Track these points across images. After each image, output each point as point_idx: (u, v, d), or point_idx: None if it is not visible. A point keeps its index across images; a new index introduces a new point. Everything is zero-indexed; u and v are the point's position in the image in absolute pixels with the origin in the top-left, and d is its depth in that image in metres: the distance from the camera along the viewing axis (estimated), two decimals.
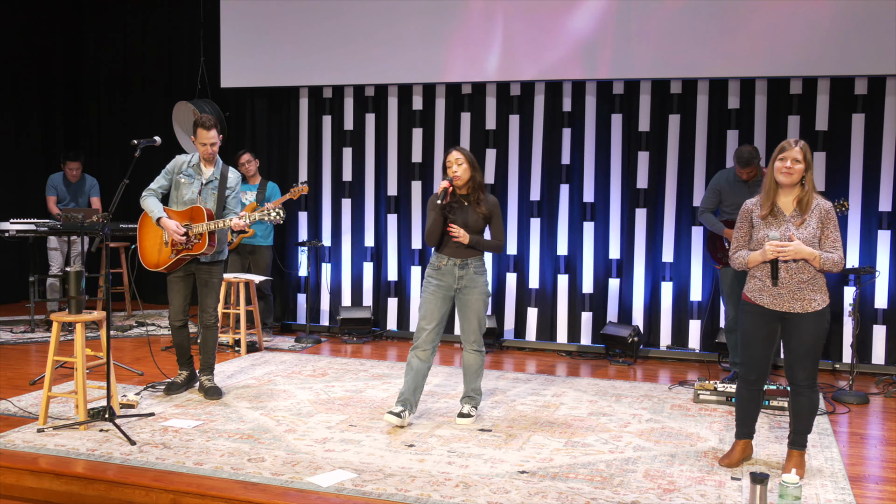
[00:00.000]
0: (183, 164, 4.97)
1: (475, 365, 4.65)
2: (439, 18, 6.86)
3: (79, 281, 4.49)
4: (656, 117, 6.63)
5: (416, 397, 4.55)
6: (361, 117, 7.40)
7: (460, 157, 4.47)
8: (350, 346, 6.97)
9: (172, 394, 5.05)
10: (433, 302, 4.54)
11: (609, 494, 3.55)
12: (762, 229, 3.77)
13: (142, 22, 8.89)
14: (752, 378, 3.90)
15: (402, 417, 4.44)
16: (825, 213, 3.71)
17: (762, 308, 3.79)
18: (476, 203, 4.53)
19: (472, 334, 4.61)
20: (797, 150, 3.70)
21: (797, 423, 3.83)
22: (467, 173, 4.48)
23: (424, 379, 4.58)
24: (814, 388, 3.79)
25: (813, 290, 3.71)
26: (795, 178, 3.70)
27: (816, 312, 3.72)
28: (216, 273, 5.03)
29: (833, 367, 6.24)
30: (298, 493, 3.52)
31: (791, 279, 3.70)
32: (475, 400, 4.69)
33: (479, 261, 4.58)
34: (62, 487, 3.72)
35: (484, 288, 4.58)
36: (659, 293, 6.70)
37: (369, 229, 7.43)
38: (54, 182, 7.66)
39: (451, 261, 4.53)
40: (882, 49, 5.85)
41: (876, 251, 6.16)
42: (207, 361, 5.09)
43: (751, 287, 3.85)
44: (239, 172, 5.10)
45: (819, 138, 6.24)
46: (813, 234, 3.69)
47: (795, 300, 3.72)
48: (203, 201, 4.91)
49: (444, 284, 4.55)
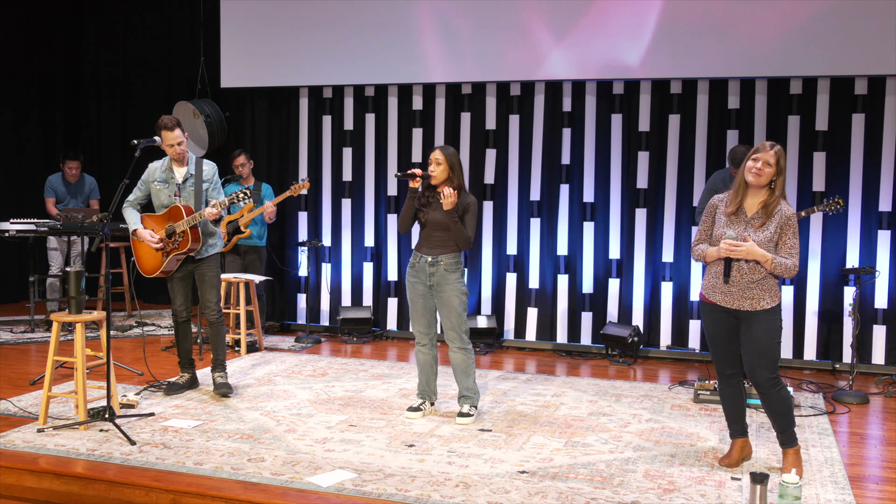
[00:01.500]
0: (156, 171, 5.00)
1: (462, 363, 4.68)
2: (440, 18, 6.86)
3: (79, 281, 4.50)
4: (656, 117, 6.63)
5: (433, 386, 4.78)
6: (361, 117, 7.40)
7: (440, 159, 4.58)
8: (350, 346, 6.97)
9: (172, 394, 5.05)
10: (414, 298, 4.71)
11: (609, 494, 3.55)
12: (722, 226, 3.81)
13: (142, 22, 8.88)
14: (728, 373, 3.94)
15: (421, 410, 4.66)
16: (786, 219, 3.73)
17: (716, 305, 3.85)
18: None
19: (451, 332, 4.65)
20: (771, 153, 3.71)
21: (778, 423, 3.85)
22: (444, 174, 4.57)
23: (435, 368, 4.78)
24: (777, 384, 3.80)
25: (762, 289, 3.74)
26: (763, 180, 3.72)
27: (766, 311, 3.75)
28: (211, 267, 5.04)
29: (833, 367, 6.24)
30: (298, 493, 3.52)
31: (742, 278, 3.74)
32: (472, 399, 4.70)
33: (452, 258, 4.61)
34: (62, 487, 3.72)
35: (456, 285, 4.60)
36: (659, 293, 6.70)
37: (369, 229, 7.43)
38: (53, 183, 7.65)
39: (423, 258, 4.66)
40: (882, 49, 5.85)
41: (876, 251, 6.16)
42: (217, 358, 5.11)
43: (706, 285, 3.91)
44: (213, 163, 5.08)
45: (819, 138, 6.24)
46: (769, 238, 3.72)
47: (745, 298, 3.75)
48: (185, 201, 4.93)
49: (420, 280, 4.68)
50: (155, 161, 5.07)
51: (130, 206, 5.01)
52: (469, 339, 4.70)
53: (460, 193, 4.58)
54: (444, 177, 4.57)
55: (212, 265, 5.05)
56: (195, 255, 4.97)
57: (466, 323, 4.69)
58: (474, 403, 4.71)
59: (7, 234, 6.83)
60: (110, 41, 9.05)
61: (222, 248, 5.17)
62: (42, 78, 8.89)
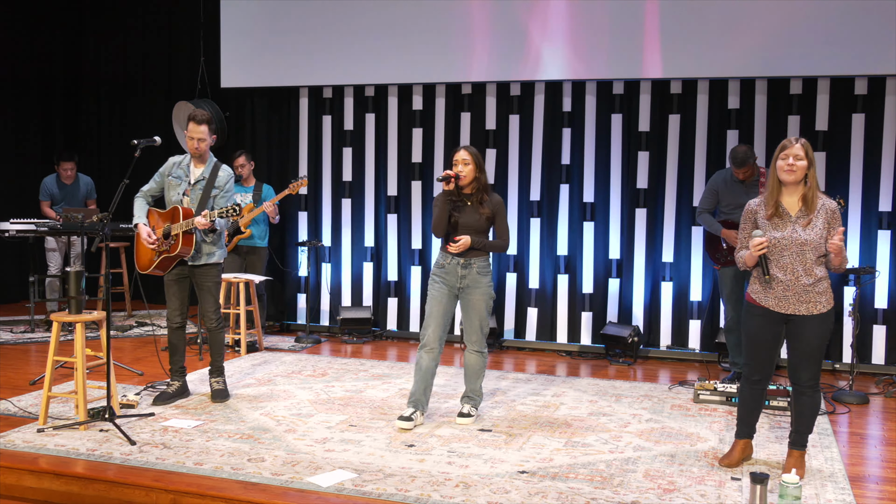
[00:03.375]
0: (174, 166, 4.92)
1: (476, 366, 4.66)
2: (440, 18, 6.86)
3: (79, 281, 4.49)
4: (656, 117, 6.63)
5: (427, 396, 4.58)
6: (361, 117, 7.40)
7: (467, 158, 4.49)
8: (350, 346, 6.97)
9: (160, 404, 4.83)
10: (438, 300, 4.56)
11: (609, 494, 3.55)
12: (769, 230, 3.75)
13: (142, 22, 8.89)
14: (756, 378, 3.90)
15: (412, 420, 4.45)
16: (831, 213, 3.71)
17: (767, 310, 3.79)
18: (479, 204, 4.54)
19: (473, 335, 4.62)
20: (798, 147, 3.69)
21: (799, 423, 3.83)
22: (472, 174, 4.50)
23: (433, 378, 4.61)
24: (817, 388, 3.79)
25: (818, 292, 3.71)
26: (799, 175, 3.70)
27: (822, 315, 3.72)
28: (210, 276, 4.91)
29: (833, 367, 6.23)
30: (298, 493, 3.52)
31: (797, 281, 3.70)
32: (475, 400, 4.69)
33: (484, 261, 4.58)
34: (62, 487, 3.72)
35: (487, 289, 4.58)
36: (659, 293, 6.70)
37: (369, 229, 7.43)
38: (48, 186, 7.61)
39: (454, 259, 4.54)
40: (882, 49, 5.85)
41: (876, 251, 6.16)
42: (215, 364, 5.02)
43: (755, 289, 3.84)
44: (230, 171, 4.97)
45: (819, 138, 6.24)
46: (820, 235, 3.69)
47: (802, 302, 3.71)
48: (191, 202, 4.83)
49: (447, 283, 4.57)
50: (176, 155, 5.02)
51: (141, 198, 4.92)
52: (485, 343, 4.67)
53: (488, 193, 4.57)
54: (472, 177, 4.50)
55: (210, 274, 4.91)
56: (188, 261, 4.85)
57: (488, 326, 4.67)
58: (476, 405, 4.70)
59: (7, 234, 6.82)
60: (110, 41, 9.05)
61: (223, 257, 5.01)
62: (42, 78, 8.89)
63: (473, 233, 4.50)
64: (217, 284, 4.98)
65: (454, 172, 4.49)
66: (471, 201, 4.55)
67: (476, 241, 4.49)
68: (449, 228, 4.54)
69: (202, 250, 4.86)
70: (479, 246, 4.51)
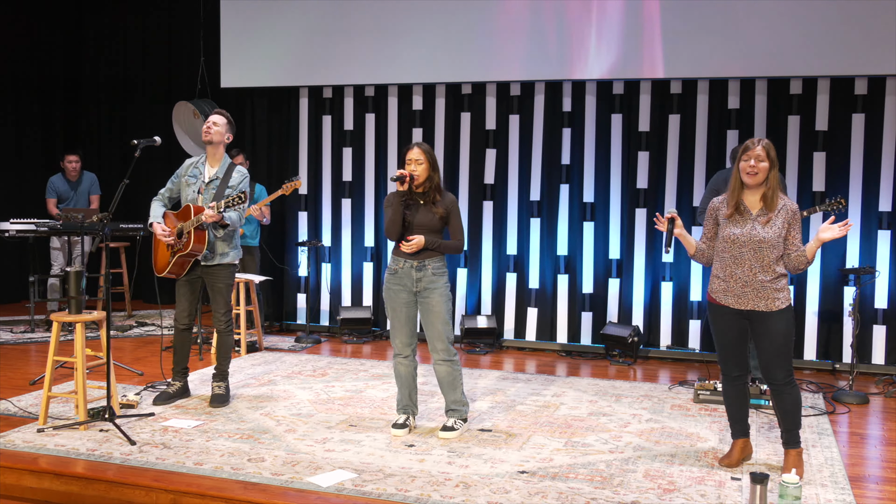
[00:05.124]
0: (189, 166, 4.91)
1: (448, 377, 4.40)
2: (440, 18, 6.86)
3: (79, 281, 4.49)
4: (656, 117, 6.63)
5: (414, 400, 4.49)
6: (361, 117, 7.40)
7: (420, 157, 4.33)
8: (350, 346, 6.97)
9: (160, 403, 4.83)
10: (397, 308, 4.38)
11: (609, 494, 3.55)
12: (728, 227, 3.81)
13: (142, 22, 8.89)
14: (735, 375, 3.94)
15: (406, 426, 4.39)
16: (792, 213, 3.76)
17: (726, 307, 3.84)
18: (432, 203, 4.37)
19: (437, 341, 4.35)
20: (760, 148, 3.73)
21: (786, 422, 3.85)
22: (425, 173, 4.34)
23: (415, 379, 4.48)
24: (793, 383, 3.82)
25: (776, 289, 3.75)
26: (761, 177, 3.74)
27: (781, 311, 3.75)
28: (222, 277, 4.86)
29: (833, 367, 6.24)
30: (298, 493, 3.52)
31: (755, 278, 3.74)
32: (459, 411, 4.43)
33: (439, 262, 4.36)
34: (62, 487, 3.72)
35: (444, 290, 4.35)
36: (659, 293, 6.70)
37: (369, 229, 7.43)
38: (54, 184, 7.66)
39: (407, 262, 4.34)
40: (882, 49, 5.85)
41: (876, 251, 6.16)
42: (220, 367, 4.97)
43: (714, 287, 3.89)
44: (245, 172, 4.92)
45: (819, 138, 6.24)
46: (778, 234, 3.74)
47: (760, 299, 3.75)
48: (204, 201, 4.80)
49: (404, 287, 4.36)
50: (193, 157, 5.01)
51: (158, 200, 4.91)
52: (454, 349, 4.40)
53: (440, 192, 4.40)
54: (426, 175, 4.32)
55: (222, 275, 4.86)
56: (201, 261, 4.82)
57: (452, 330, 4.43)
58: (462, 416, 4.44)
59: (7, 234, 6.83)
60: (110, 41, 9.06)
61: (238, 258, 4.96)
62: (42, 78, 8.90)
63: (427, 233, 4.31)
64: (229, 286, 4.92)
65: (408, 172, 4.35)
66: (424, 200, 4.37)
67: (430, 242, 4.31)
68: (402, 229, 4.37)
69: (216, 250, 4.82)
70: (433, 246, 4.33)
